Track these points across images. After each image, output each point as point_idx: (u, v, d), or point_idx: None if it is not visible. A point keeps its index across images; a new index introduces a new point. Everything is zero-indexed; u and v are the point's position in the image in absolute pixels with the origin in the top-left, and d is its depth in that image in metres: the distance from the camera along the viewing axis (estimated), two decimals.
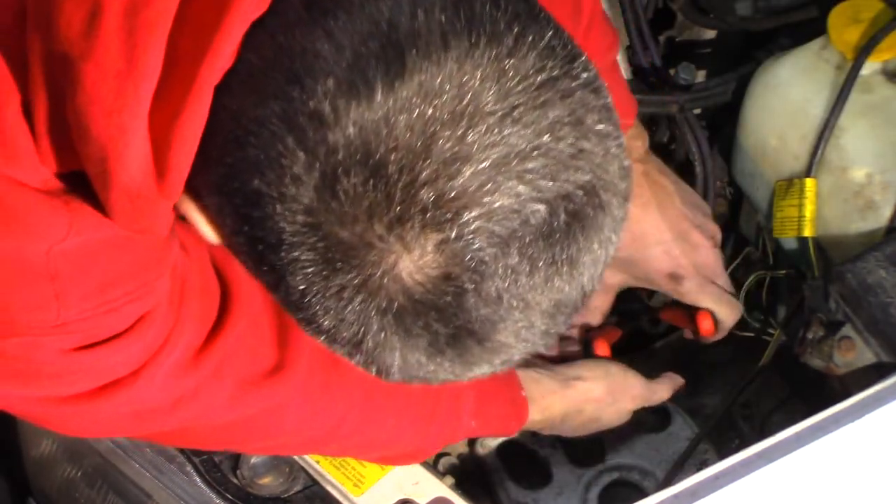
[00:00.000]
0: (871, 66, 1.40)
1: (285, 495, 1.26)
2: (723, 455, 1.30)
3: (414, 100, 0.76)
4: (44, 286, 0.89)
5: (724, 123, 1.60)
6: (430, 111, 0.77)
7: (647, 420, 1.51)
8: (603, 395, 1.41)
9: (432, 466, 1.31)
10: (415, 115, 0.76)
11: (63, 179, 0.89)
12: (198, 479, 1.25)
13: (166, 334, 1.02)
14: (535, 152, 0.79)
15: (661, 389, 1.47)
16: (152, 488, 1.26)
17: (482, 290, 0.80)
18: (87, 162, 0.84)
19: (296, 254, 0.80)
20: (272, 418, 1.14)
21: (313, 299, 0.81)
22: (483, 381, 1.30)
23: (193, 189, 0.86)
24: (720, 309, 1.48)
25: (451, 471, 1.40)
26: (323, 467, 1.26)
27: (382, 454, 1.27)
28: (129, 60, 0.80)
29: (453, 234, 0.78)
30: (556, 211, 0.80)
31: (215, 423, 1.11)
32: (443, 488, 1.26)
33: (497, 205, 0.78)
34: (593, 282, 0.86)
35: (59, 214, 0.88)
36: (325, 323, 0.82)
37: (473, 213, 0.78)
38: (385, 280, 0.79)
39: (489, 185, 0.77)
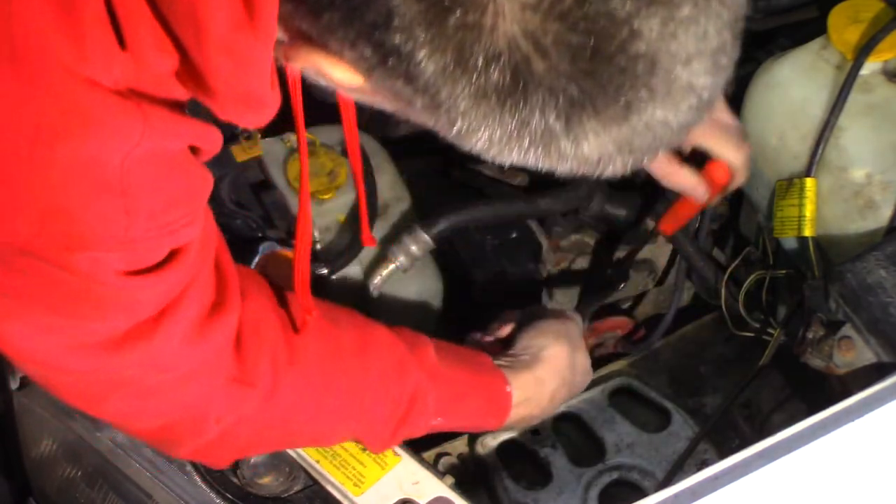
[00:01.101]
0: (871, 66, 1.40)
1: (285, 495, 1.26)
2: (723, 455, 1.30)
3: None
4: (116, 200, 0.89)
5: None
6: None
7: (648, 420, 1.51)
8: (571, 350, 1.40)
9: (432, 466, 1.31)
10: None
11: (136, 85, 0.88)
12: (198, 479, 1.25)
13: (190, 279, 1.02)
14: None
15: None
16: (152, 488, 1.26)
17: None
18: (179, 26, 0.84)
19: (404, 13, 0.78)
20: (239, 428, 1.15)
21: (443, 61, 0.79)
22: (451, 377, 1.29)
23: (301, 35, 0.86)
24: (727, 150, 1.39)
25: (451, 471, 1.40)
26: (323, 467, 1.26)
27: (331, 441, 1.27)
28: None
29: None
30: None
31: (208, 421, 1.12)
32: (443, 488, 1.26)
33: None
34: None
35: (133, 116, 0.87)
36: (470, 89, 0.80)
37: None
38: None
39: None
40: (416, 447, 1.32)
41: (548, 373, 1.37)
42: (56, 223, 0.89)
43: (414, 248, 1.48)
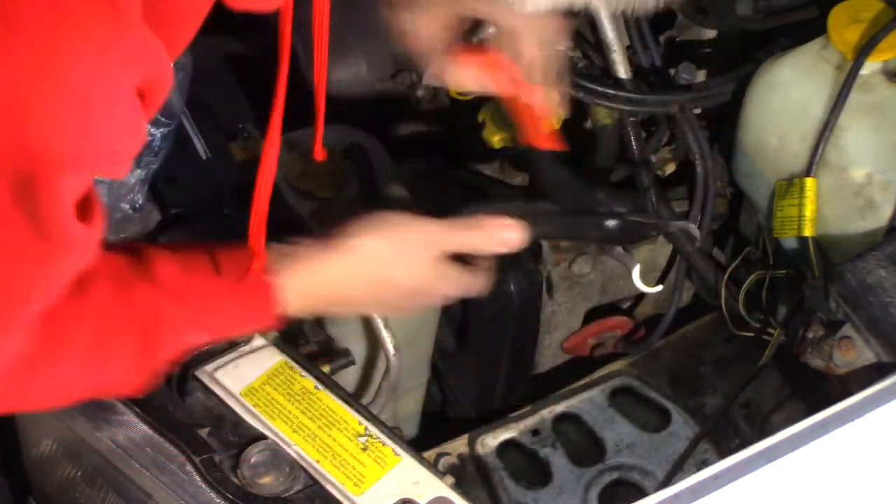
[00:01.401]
0: (871, 66, 1.40)
1: (285, 495, 1.26)
2: (723, 455, 1.30)
3: None
4: (76, 112, 0.89)
5: (724, 123, 1.60)
6: None
7: (648, 420, 1.51)
8: (388, 252, 1.20)
9: (432, 466, 1.31)
10: None
11: None
12: (198, 479, 1.25)
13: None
14: None
15: (473, 228, 1.22)
16: (152, 488, 1.26)
17: None
18: None
19: None
20: None
21: None
22: (198, 285, 1.20)
23: None
24: (497, 12, 1.19)
25: (451, 471, 1.40)
26: (323, 467, 1.26)
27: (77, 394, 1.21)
28: None
29: None
30: None
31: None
32: (443, 488, 1.26)
33: None
34: None
35: (105, 16, 0.87)
36: None
37: None
38: None
39: None
40: (417, 447, 1.32)
41: (341, 267, 1.21)
42: (12, 123, 0.88)
43: None
